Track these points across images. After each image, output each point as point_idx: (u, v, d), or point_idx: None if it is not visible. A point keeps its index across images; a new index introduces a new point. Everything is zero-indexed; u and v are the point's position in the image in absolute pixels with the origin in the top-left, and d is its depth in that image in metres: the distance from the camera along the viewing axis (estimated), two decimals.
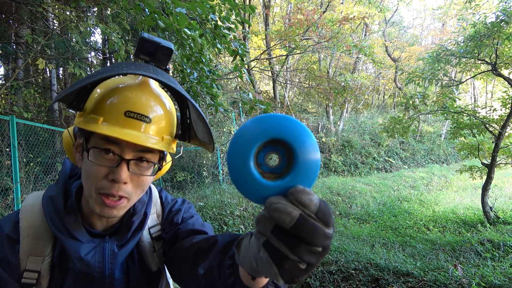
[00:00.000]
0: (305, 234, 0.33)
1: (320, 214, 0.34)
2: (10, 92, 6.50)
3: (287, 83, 15.27)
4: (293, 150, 0.37)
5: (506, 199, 8.07)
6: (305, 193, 0.34)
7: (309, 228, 0.33)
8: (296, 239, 0.33)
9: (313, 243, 0.33)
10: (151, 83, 0.71)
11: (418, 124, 8.61)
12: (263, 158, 0.38)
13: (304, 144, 0.36)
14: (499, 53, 5.67)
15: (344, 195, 8.71)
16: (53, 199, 0.72)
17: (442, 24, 22.91)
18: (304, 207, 0.33)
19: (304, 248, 0.33)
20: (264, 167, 0.38)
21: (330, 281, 3.67)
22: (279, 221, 0.33)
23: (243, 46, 3.03)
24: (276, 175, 0.38)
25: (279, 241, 0.34)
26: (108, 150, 0.64)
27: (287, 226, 0.33)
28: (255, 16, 15.35)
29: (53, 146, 5.70)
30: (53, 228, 0.69)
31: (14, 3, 5.36)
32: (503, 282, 3.08)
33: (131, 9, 2.68)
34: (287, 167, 0.37)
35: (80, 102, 0.68)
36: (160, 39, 0.68)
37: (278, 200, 0.34)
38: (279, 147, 0.38)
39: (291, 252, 0.33)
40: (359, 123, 16.92)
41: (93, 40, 8.96)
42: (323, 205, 0.34)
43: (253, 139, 0.36)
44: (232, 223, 5.77)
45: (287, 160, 0.38)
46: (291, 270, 0.34)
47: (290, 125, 0.37)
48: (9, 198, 4.38)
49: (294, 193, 0.34)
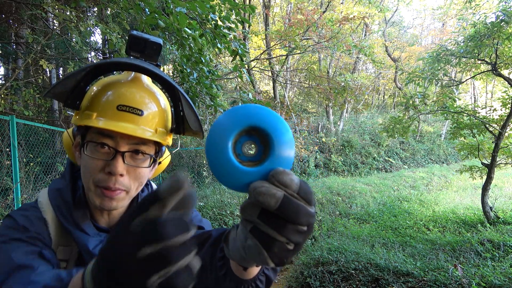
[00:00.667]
0: (290, 214, 0.33)
1: (302, 192, 0.35)
2: (10, 92, 6.50)
3: (287, 83, 15.27)
4: (267, 136, 0.38)
5: (506, 199, 8.06)
6: (285, 173, 0.35)
7: (293, 207, 0.33)
8: (282, 220, 0.34)
9: (299, 222, 0.34)
10: (144, 78, 0.74)
11: (418, 124, 8.62)
12: (240, 149, 0.39)
13: (276, 128, 0.38)
14: (499, 53, 5.67)
15: (344, 195, 8.71)
16: (61, 191, 0.73)
17: (442, 24, 22.92)
18: (286, 187, 0.34)
19: (291, 228, 0.34)
20: (242, 157, 0.39)
21: (330, 281, 3.67)
22: (265, 204, 0.33)
23: (243, 46, 3.03)
24: (255, 163, 0.39)
25: (265, 225, 0.34)
26: (103, 144, 0.66)
27: (273, 208, 0.33)
28: (255, 16, 15.35)
29: (53, 146, 5.70)
30: (61, 218, 0.69)
31: (14, 3, 5.36)
32: (503, 282, 3.07)
33: (131, 9, 2.68)
34: (264, 153, 0.39)
35: (75, 100, 0.70)
36: (149, 35, 0.70)
37: (261, 184, 0.34)
38: (253, 136, 0.39)
39: (279, 234, 0.34)
40: (359, 123, 16.92)
41: (93, 40, 8.96)
42: (303, 184, 0.35)
43: (229, 129, 0.37)
44: (232, 223, 5.78)
45: (263, 146, 0.39)
46: (280, 252, 0.34)
47: (260, 112, 0.38)
48: (9, 198, 4.37)
49: (275, 175, 0.35)
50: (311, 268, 4.00)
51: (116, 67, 0.70)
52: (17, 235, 0.63)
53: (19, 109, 5.54)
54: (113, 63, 0.66)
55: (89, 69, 0.66)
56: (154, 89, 0.74)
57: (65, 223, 0.69)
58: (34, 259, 0.59)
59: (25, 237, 0.63)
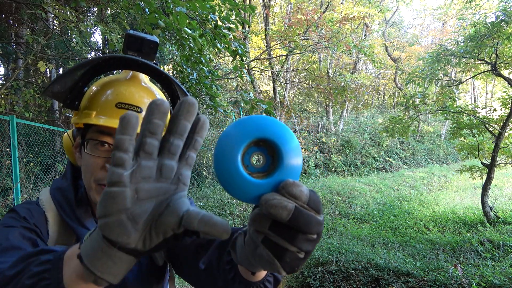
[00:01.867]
0: (302, 225, 0.34)
1: (312, 203, 0.35)
2: (10, 92, 6.50)
3: (287, 83, 15.27)
4: (275, 146, 0.38)
5: (506, 199, 8.06)
6: (295, 185, 0.35)
7: (304, 218, 0.34)
8: (293, 230, 0.34)
9: (309, 231, 0.34)
10: (141, 77, 0.75)
11: (418, 124, 8.62)
12: (248, 160, 0.39)
13: (284, 139, 0.38)
14: (499, 53, 5.67)
15: (344, 195, 8.71)
16: (63, 190, 0.74)
17: (442, 24, 22.92)
18: (297, 199, 0.35)
19: (302, 237, 0.34)
20: (251, 168, 0.39)
21: (330, 281, 3.67)
22: (277, 216, 0.34)
23: (243, 46, 3.02)
24: (263, 174, 0.39)
25: (277, 236, 0.35)
26: (103, 142, 0.67)
27: (284, 219, 0.33)
28: (255, 16, 15.35)
29: (53, 146, 5.70)
30: (64, 216, 0.70)
31: (14, 3, 5.36)
32: (503, 282, 3.07)
33: (131, 9, 2.69)
34: (273, 164, 0.39)
35: (74, 101, 0.71)
36: (145, 34, 0.71)
37: (273, 196, 0.35)
38: (261, 147, 0.39)
39: (290, 244, 0.34)
40: (359, 123, 16.92)
41: (93, 40, 8.96)
42: (313, 195, 0.36)
43: (238, 141, 0.38)
44: (232, 223, 5.78)
45: (271, 157, 0.39)
46: (292, 261, 0.35)
47: (268, 123, 0.38)
48: (9, 198, 4.38)
49: (285, 187, 0.35)
50: (311, 268, 4.00)
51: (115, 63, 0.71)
52: (16, 223, 0.65)
53: (19, 110, 5.54)
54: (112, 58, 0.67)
55: (88, 66, 0.67)
56: (151, 86, 0.75)
57: (68, 221, 0.70)
58: (26, 244, 0.60)
59: (23, 226, 0.65)
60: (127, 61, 0.69)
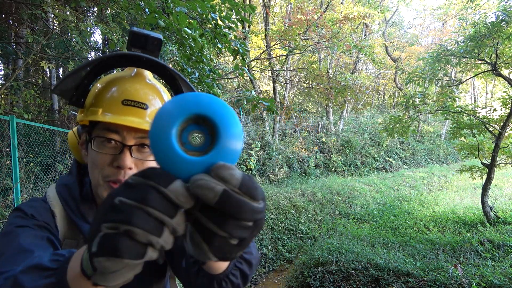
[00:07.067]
0: (231, 209, 0.32)
1: (244, 188, 0.33)
2: (10, 92, 6.50)
3: (287, 83, 15.27)
4: (214, 125, 0.37)
5: (506, 199, 8.07)
6: (226, 168, 0.34)
7: (234, 203, 0.32)
8: (223, 215, 0.33)
9: (241, 217, 0.33)
10: (146, 74, 0.75)
11: (418, 124, 8.63)
12: (186, 138, 0.38)
13: (224, 119, 0.37)
14: (499, 53, 5.67)
15: (344, 195, 8.71)
16: (68, 187, 0.75)
17: (442, 24, 22.92)
18: (226, 182, 0.33)
19: (233, 223, 0.33)
20: (188, 146, 0.37)
21: (330, 281, 3.67)
22: (203, 198, 0.33)
23: (243, 45, 3.02)
24: (200, 153, 0.37)
25: (206, 218, 0.33)
26: (110, 139, 0.67)
27: (211, 202, 0.32)
28: (255, 16, 15.35)
29: (53, 146, 5.69)
30: (69, 212, 0.71)
31: (14, 3, 5.36)
32: (503, 282, 3.07)
33: (131, 9, 2.68)
34: (211, 145, 0.37)
35: (79, 98, 0.72)
36: (149, 31, 0.71)
37: (201, 177, 0.34)
38: (202, 126, 0.38)
39: (220, 229, 0.33)
40: (359, 123, 16.93)
41: (93, 40, 8.96)
42: (246, 179, 0.34)
43: (174, 115, 0.36)
44: None
45: (211, 137, 0.38)
46: (222, 246, 0.34)
47: (209, 100, 0.37)
48: (9, 198, 4.37)
49: (215, 169, 0.34)
50: (311, 268, 4.00)
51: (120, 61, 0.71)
52: (24, 222, 0.64)
53: (19, 111, 5.54)
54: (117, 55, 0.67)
55: (93, 64, 0.67)
56: (156, 83, 0.76)
57: (73, 216, 0.71)
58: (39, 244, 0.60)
59: (33, 224, 0.65)
60: (132, 58, 0.69)
